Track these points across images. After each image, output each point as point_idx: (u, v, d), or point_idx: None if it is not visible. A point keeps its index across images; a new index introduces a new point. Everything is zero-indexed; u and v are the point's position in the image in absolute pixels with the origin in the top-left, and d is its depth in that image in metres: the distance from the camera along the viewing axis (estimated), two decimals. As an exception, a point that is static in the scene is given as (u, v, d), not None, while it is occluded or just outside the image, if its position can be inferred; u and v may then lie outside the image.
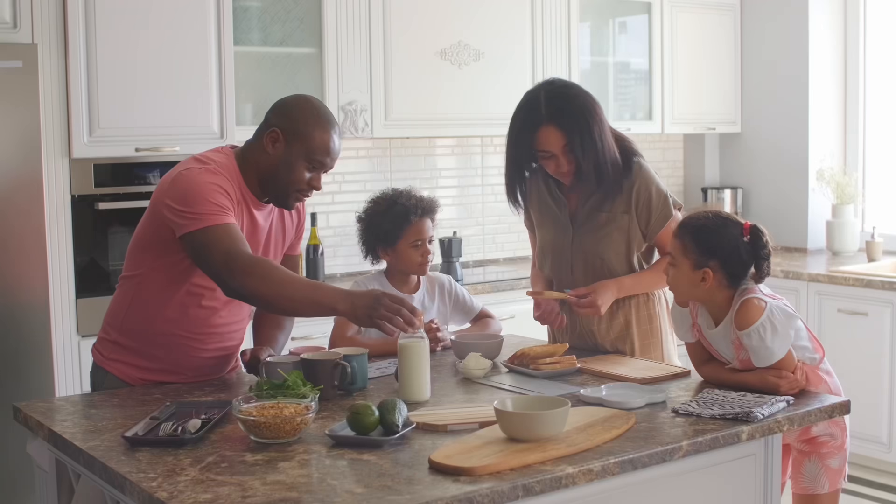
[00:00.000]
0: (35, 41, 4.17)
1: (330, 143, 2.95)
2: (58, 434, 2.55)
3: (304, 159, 2.93)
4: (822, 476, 2.99)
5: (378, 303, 2.71)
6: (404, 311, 2.71)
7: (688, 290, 2.93)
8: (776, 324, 2.78)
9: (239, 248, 2.79)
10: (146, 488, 2.12)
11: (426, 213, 3.47)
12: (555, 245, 3.47)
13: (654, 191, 3.37)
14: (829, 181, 6.14)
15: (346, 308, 2.73)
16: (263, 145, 2.96)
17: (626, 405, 2.68)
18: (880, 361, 5.28)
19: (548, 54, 5.67)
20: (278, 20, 4.93)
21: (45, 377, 4.15)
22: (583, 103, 3.27)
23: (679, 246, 2.92)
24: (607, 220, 3.36)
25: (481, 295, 4.94)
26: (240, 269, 2.75)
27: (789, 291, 5.59)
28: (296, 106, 3.00)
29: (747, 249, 2.88)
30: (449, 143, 5.85)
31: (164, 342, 3.00)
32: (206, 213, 2.81)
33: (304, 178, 2.95)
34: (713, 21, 6.46)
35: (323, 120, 2.96)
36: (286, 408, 2.45)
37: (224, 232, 2.80)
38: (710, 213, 2.99)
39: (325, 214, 5.40)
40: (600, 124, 3.27)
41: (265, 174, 2.97)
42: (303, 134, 2.92)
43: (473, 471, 2.17)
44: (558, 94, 3.29)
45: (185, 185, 2.85)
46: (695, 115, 6.42)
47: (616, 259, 3.36)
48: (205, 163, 2.92)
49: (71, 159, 4.31)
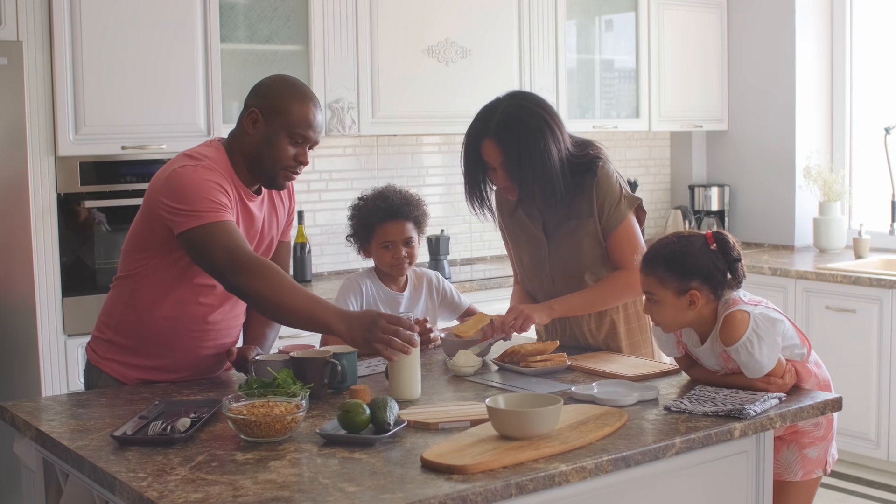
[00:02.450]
0: (20, 38, 4.14)
1: (309, 115, 2.94)
2: (45, 434, 2.52)
3: (286, 134, 2.92)
4: (797, 464, 2.96)
5: (375, 325, 2.69)
6: (402, 332, 2.70)
7: (676, 320, 2.86)
8: (762, 334, 2.75)
9: (241, 245, 2.79)
10: (136, 488, 2.10)
11: (394, 216, 3.42)
12: (533, 260, 3.45)
13: (609, 190, 3.31)
14: (815, 178, 6.15)
15: (343, 329, 2.71)
16: (245, 128, 2.96)
17: (618, 402, 2.67)
18: (868, 358, 5.29)
19: (534, 52, 5.66)
20: (265, 17, 4.91)
21: (32, 376, 4.13)
22: (533, 122, 3.21)
23: (654, 280, 2.85)
24: (576, 226, 3.34)
25: (469, 293, 4.92)
26: (244, 266, 2.75)
27: (777, 289, 5.60)
28: (271, 84, 3.01)
29: (718, 257, 2.86)
30: (436, 141, 5.84)
31: (162, 340, 2.98)
32: (204, 210, 2.79)
33: (288, 154, 2.94)
34: (700, 19, 6.46)
35: (300, 94, 2.96)
36: (276, 406, 2.43)
37: (224, 229, 2.79)
38: (669, 237, 2.93)
39: (312, 213, 5.38)
40: (543, 149, 3.19)
41: (250, 156, 2.96)
42: (281, 109, 2.92)
43: (466, 469, 2.16)
44: (511, 111, 3.23)
45: (182, 182, 2.83)
46: (681, 113, 6.42)
47: (593, 265, 3.34)
48: (198, 159, 2.90)
49: (57, 157, 4.28)
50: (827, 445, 3.00)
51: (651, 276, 2.86)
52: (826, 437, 2.99)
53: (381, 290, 3.48)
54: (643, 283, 2.89)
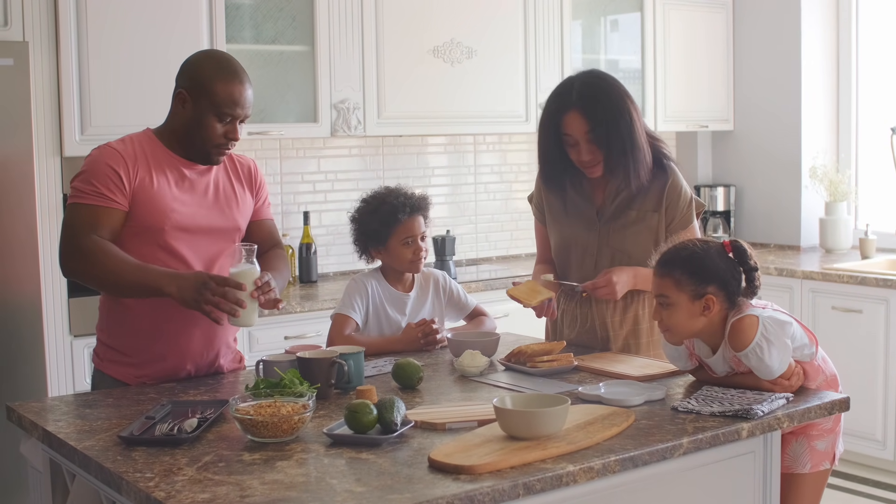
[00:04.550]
0: (26, 39, 4.14)
1: (235, 93, 2.95)
2: (52, 434, 2.52)
3: (213, 113, 2.95)
4: (805, 456, 2.96)
5: (205, 286, 2.77)
6: (230, 293, 2.76)
7: (689, 326, 2.82)
8: (771, 338, 2.74)
9: (85, 231, 2.87)
10: (143, 488, 2.10)
11: (415, 210, 3.44)
12: (579, 239, 3.45)
13: (683, 194, 3.39)
14: (821, 179, 6.14)
15: (173, 290, 2.80)
16: (175, 109, 3.02)
17: (625, 403, 2.67)
18: (875, 359, 5.28)
19: (540, 52, 5.66)
20: (271, 18, 4.91)
21: (38, 377, 4.13)
22: (614, 96, 3.28)
23: (670, 282, 2.81)
24: (637, 217, 3.36)
25: (474, 293, 4.92)
26: (76, 249, 2.87)
27: (783, 289, 5.59)
28: (196, 63, 3.03)
29: (735, 265, 2.86)
30: (441, 142, 5.83)
31: (147, 331, 3.00)
32: (79, 191, 2.92)
33: (217, 132, 2.97)
34: (705, 19, 6.45)
35: (224, 71, 2.97)
36: (283, 406, 2.43)
37: (81, 213, 2.90)
38: (687, 242, 2.92)
39: (318, 213, 5.38)
40: (629, 119, 3.26)
41: (181, 135, 3.01)
42: (206, 89, 2.94)
43: (473, 469, 2.15)
44: (592, 82, 3.31)
45: (83, 164, 2.98)
46: (687, 113, 6.41)
47: (643, 257, 3.34)
48: (111, 144, 3.00)
49: (63, 158, 4.29)
50: (835, 438, 3.01)
51: (667, 277, 2.83)
52: (834, 430, 2.99)
53: (387, 290, 3.48)
54: (657, 286, 2.86)
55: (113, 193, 2.90)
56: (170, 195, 2.97)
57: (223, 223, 3.08)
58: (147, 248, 2.96)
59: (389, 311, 3.46)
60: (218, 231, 3.07)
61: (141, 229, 2.94)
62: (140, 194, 2.93)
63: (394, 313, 3.47)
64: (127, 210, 2.93)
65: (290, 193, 5.30)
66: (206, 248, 3.05)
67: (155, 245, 2.96)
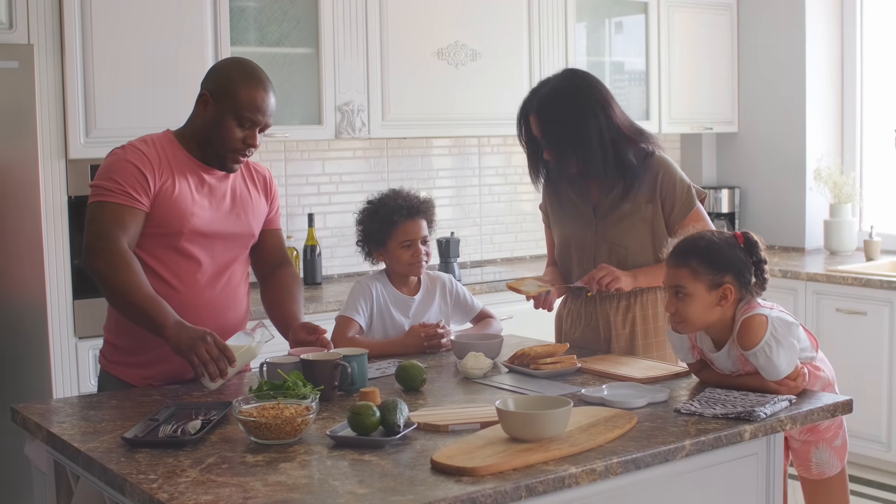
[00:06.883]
0: (31, 41, 4.15)
1: (257, 99, 2.97)
2: (56, 435, 2.53)
3: (233, 117, 2.96)
4: (833, 457, 3.05)
5: (202, 342, 2.77)
6: (221, 363, 2.77)
7: (704, 317, 2.82)
8: (780, 338, 2.75)
9: (115, 232, 2.88)
10: (146, 489, 2.11)
11: (413, 213, 3.45)
12: (577, 237, 3.49)
13: (678, 180, 3.42)
14: (826, 180, 6.14)
15: (172, 333, 2.79)
16: (197, 111, 3.04)
17: (628, 405, 2.67)
18: (879, 361, 5.27)
19: (544, 54, 5.66)
20: (275, 20, 4.92)
21: (43, 379, 4.13)
22: (574, 97, 3.33)
23: (687, 272, 2.81)
24: (631, 210, 3.40)
25: (479, 295, 4.91)
26: (105, 251, 2.86)
27: (787, 291, 5.59)
28: (222, 67, 3.07)
29: (748, 256, 2.87)
30: (446, 144, 5.84)
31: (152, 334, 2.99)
32: (104, 188, 2.91)
33: (236, 137, 2.98)
34: (710, 21, 6.45)
35: (249, 77, 3.00)
36: (287, 408, 2.43)
37: (108, 211, 2.90)
38: (702, 232, 2.94)
39: (323, 215, 5.38)
40: (580, 118, 3.31)
41: (201, 138, 3.02)
42: (229, 92, 2.96)
43: (476, 471, 2.16)
44: (555, 84, 3.38)
45: (104, 163, 2.99)
46: (692, 115, 6.41)
47: (640, 249, 3.37)
48: (133, 143, 3.01)
49: (67, 160, 4.30)
50: (843, 430, 3.08)
51: (684, 268, 2.82)
52: (841, 425, 3.06)
53: (391, 293, 3.48)
54: (671, 277, 2.85)
55: (138, 194, 2.92)
56: (190, 199, 2.99)
57: (239, 229, 3.11)
58: (162, 251, 2.97)
59: (394, 313, 3.47)
60: (234, 237, 3.10)
61: (158, 231, 2.96)
62: (161, 197, 2.95)
63: (398, 316, 3.47)
64: (148, 212, 2.95)
65: (295, 195, 5.31)
66: (221, 253, 3.07)
67: (171, 248, 2.98)
